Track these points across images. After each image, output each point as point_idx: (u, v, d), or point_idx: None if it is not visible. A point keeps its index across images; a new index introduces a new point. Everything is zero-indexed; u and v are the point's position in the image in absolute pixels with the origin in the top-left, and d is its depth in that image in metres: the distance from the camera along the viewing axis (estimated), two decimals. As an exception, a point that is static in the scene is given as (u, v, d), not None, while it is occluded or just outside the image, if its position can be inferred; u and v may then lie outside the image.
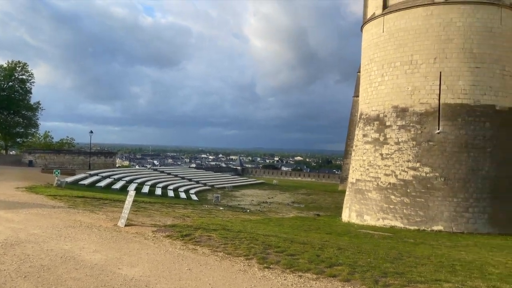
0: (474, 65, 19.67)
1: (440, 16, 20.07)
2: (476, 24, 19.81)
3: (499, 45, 19.94)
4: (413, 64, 20.70)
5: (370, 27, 23.34)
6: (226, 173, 64.27)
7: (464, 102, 19.69)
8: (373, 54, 22.76)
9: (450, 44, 19.87)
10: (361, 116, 23.78)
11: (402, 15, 21.18)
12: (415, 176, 19.89)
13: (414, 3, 20.75)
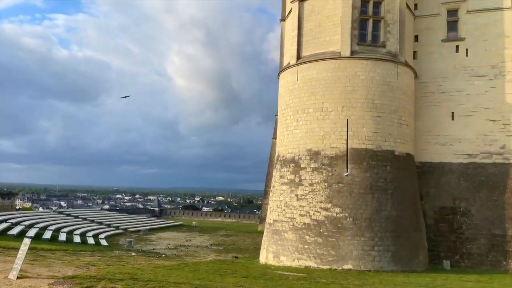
0: (376, 114, 21.75)
1: (346, 69, 22.09)
2: (377, 78, 22.10)
3: (397, 97, 22.37)
4: (324, 111, 22.24)
5: (286, 75, 24.80)
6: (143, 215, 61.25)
7: (368, 147, 21.48)
8: (289, 100, 24.07)
9: (355, 94, 21.83)
10: (278, 158, 24.64)
11: (314, 66, 22.91)
12: (327, 216, 20.84)
13: (324, 56, 22.65)
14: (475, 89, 23.73)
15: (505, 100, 23.02)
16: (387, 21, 22.64)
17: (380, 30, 22.75)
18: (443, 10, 24.95)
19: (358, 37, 22.50)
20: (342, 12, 22.34)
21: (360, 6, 22.50)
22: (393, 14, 22.65)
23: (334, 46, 22.62)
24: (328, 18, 22.91)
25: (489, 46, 23.69)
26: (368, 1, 22.56)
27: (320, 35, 23.20)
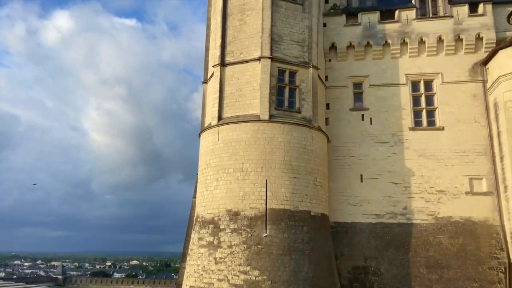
0: (293, 175, 22.60)
1: (265, 131, 23.00)
2: (293, 141, 23.26)
3: (312, 159, 23.59)
4: (244, 171, 22.57)
5: (207, 135, 25.02)
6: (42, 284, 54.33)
7: (286, 207, 21.97)
8: (210, 159, 24.11)
9: (273, 156, 22.62)
10: (197, 219, 23.99)
11: (235, 128, 23.51)
12: (246, 280, 20.32)
13: (244, 118, 23.44)
14: (379, 154, 26.04)
15: (405, 165, 25.51)
16: (301, 90, 24.43)
17: (295, 97, 24.39)
18: (350, 83, 27.74)
19: (276, 102, 23.84)
20: (261, 78, 23.70)
21: (278, 75, 24.11)
22: (306, 84, 24.57)
23: (254, 109, 23.61)
24: (248, 84, 24.10)
25: (389, 117, 26.52)
26: (284, 71, 24.31)
27: (240, 98, 24.16)
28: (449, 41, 26.38)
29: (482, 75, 25.78)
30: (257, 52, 24.16)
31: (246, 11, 25.08)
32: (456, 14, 26.58)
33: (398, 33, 27.24)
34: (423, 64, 26.96)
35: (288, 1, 25.23)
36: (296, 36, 25.04)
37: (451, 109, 25.83)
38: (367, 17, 27.89)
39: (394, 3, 28.53)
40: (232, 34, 25.20)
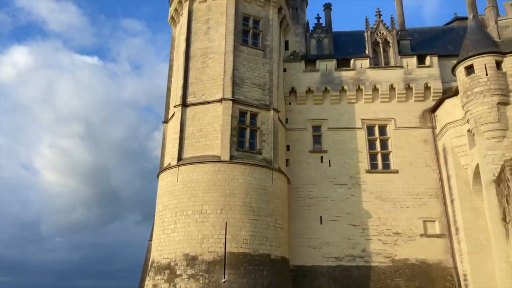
0: (253, 217, 22.32)
1: (225, 172, 22.82)
2: (254, 182, 23.17)
3: (272, 201, 23.50)
4: (203, 213, 22.03)
5: (166, 176, 24.44)
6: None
7: (246, 251, 21.46)
8: (168, 201, 23.41)
9: (234, 197, 22.34)
10: (152, 265, 22.86)
11: (195, 168, 23.17)
12: (202, 329, 19.27)
13: (204, 159, 23.22)
14: (338, 196, 26.44)
15: (363, 207, 26.00)
16: (262, 131, 24.73)
17: (256, 139, 24.60)
18: (309, 126, 28.48)
19: (237, 143, 23.91)
20: (222, 120, 23.81)
21: (239, 116, 24.36)
22: (267, 126, 24.94)
23: (214, 150, 23.50)
24: (210, 125, 24.11)
25: (346, 159, 27.25)
26: (245, 113, 24.63)
27: (201, 139, 24.04)
28: (400, 89, 28.01)
29: (431, 122, 27.37)
30: (219, 94, 24.43)
31: (209, 54, 25.57)
32: (406, 65, 28.46)
33: (354, 80, 28.65)
34: (377, 110, 28.30)
35: (250, 46, 26.05)
36: (258, 80, 25.66)
37: (404, 153, 26.98)
38: (324, 64, 29.24)
39: (349, 53, 30.18)
40: (194, 76, 25.45)
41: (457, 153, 24.49)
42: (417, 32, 31.80)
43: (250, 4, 26.90)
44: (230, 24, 25.63)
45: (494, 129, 21.22)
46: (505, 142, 20.87)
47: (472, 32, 23.81)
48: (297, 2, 32.00)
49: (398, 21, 30.97)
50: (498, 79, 21.66)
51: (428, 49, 29.46)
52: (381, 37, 29.58)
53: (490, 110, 21.39)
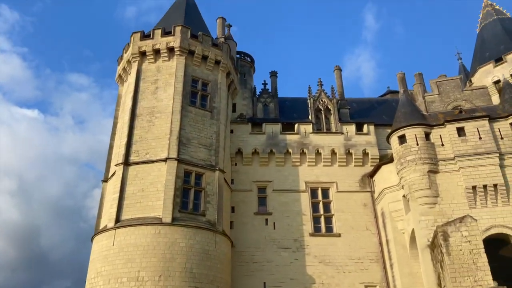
0: (194, 284, 21.15)
1: (166, 235, 21.82)
2: (196, 246, 22.28)
3: (214, 266, 22.57)
4: (140, 281, 20.56)
5: (101, 239, 22.87)
6: None
7: (184, 322, 20.01)
8: (101, 267, 21.70)
9: (174, 263, 21.22)
10: None
11: (133, 231, 21.95)
12: None
13: (144, 221, 22.16)
14: (282, 260, 26.05)
15: (306, 272, 25.72)
16: (207, 192, 24.34)
17: (201, 200, 24.10)
18: (255, 187, 28.57)
19: (180, 204, 23.22)
20: (166, 180, 23.23)
21: (183, 177, 23.93)
22: (212, 187, 24.65)
23: (156, 211, 22.60)
24: (152, 185, 23.38)
25: (291, 222, 27.32)
26: (190, 173, 24.27)
27: (142, 199, 23.11)
28: (341, 154, 29.33)
29: (370, 186, 28.62)
30: (164, 153, 24.05)
31: (156, 113, 25.48)
32: (346, 132, 30.14)
33: (298, 144, 29.66)
34: (320, 173, 29.20)
35: (197, 107, 26.40)
36: (204, 140, 25.73)
37: (346, 216, 27.63)
38: (270, 127, 30.17)
39: (293, 117, 31.52)
40: (139, 134, 25.02)
41: (394, 218, 25.51)
42: (355, 102, 34.19)
43: (200, 67, 27.70)
44: (178, 85, 26.02)
45: (426, 195, 22.52)
46: (436, 208, 22.14)
47: (403, 105, 25.99)
48: (245, 68, 33.48)
49: (338, 91, 33.23)
50: (427, 149, 23.42)
51: (365, 117, 31.59)
52: (323, 105, 31.37)
53: (421, 178, 22.82)
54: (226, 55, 29.01)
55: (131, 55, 27.62)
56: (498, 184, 21.58)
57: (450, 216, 21.34)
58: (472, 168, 22.24)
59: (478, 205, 21.64)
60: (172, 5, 33.62)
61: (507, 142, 22.64)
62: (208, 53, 27.84)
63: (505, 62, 30.60)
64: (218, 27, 33.05)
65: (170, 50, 27.15)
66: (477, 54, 33.97)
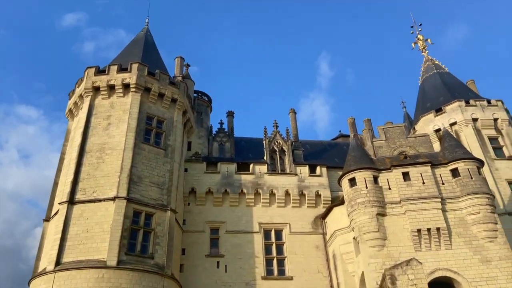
0: (138, 333, 19.85)
1: (110, 280, 20.56)
2: (143, 291, 21.10)
3: (161, 312, 21.39)
4: (78, 330, 19.02)
5: (39, 283, 21.19)
6: None
7: None
8: (36, 314, 19.93)
9: (117, 310, 19.90)
10: None
11: (75, 275, 20.52)
12: None
13: (87, 264, 20.82)
14: (233, 304, 25.21)
15: (257, 316, 25.00)
16: (157, 233, 23.45)
17: (150, 241, 23.13)
18: (207, 228, 27.97)
19: (128, 246, 22.14)
20: (113, 220, 22.20)
21: (132, 217, 23.00)
22: (163, 227, 23.82)
23: (101, 254, 21.38)
24: (98, 225, 22.24)
25: (243, 264, 26.78)
26: (140, 213, 23.41)
27: (87, 241, 21.85)
28: (295, 195, 29.65)
29: (322, 228, 28.94)
30: (113, 192, 23.15)
31: (107, 150, 24.72)
32: (299, 173, 30.67)
33: (253, 184, 29.70)
34: (274, 214, 29.22)
35: (151, 145, 25.94)
36: (157, 179, 25.12)
37: (298, 259, 27.53)
38: (225, 166, 30.11)
39: (249, 157, 31.75)
40: (87, 171, 24.02)
41: (345, 260, 25.76)
42: (309, 144, 35.15)
43: (155, 105, 27.52)
44: (132, 122, 25.58)
45: (375, 238, 23.04)
46: (384, 251, 22.66)
47: (353, 149, 27.03)
48: (202, 107, 33.69)
49: (293, 133, 34.10)
50: (375, 192, 24.26)
51: (318, 160, 32.44)
52: (278, 146, 31.95)
53: (370, 220, 23.43)
54: (183, 94, 29.11)
55: (84, 89, 27.01)
56: (440, 227, 22.56)
57: (398, 258, 21.87)
58: (417, 212, 23.20)
59: (423, 248, 22.40)
60: (130, 42, 33.71)
61: (448, 187, 23.97)
62: (165, 91, 27.82)
63: (444, 113, 33.14)
64: (176, 66, 33.35)
65: (126, 86, 26.87)
66: (419, 104, 36.53)
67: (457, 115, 32.61)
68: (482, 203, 22.84)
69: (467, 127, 32.03)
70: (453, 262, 21.85)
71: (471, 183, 23.47)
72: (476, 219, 22.63)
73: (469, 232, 22.61)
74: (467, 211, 22.98)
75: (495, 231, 22.36)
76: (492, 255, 21.82)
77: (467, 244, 22.26)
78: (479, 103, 33.16)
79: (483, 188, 23.38)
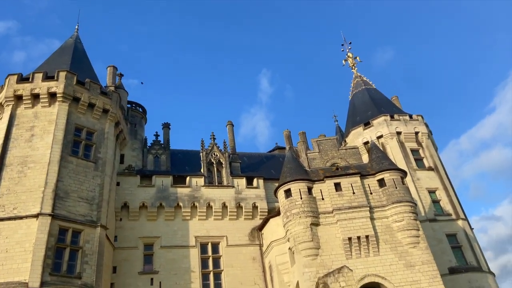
0: None
1: (31, 305, 18.92)
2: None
3: (89, 337, 20.06)
4: None
5: None
6: None
7: None
8: None
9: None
10: None
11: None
12: None
13: (6, 286, 19.02)
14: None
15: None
16: (85, 251, 22.11)
17: (77, 260, 21.75)
18: (141, 244, 26.92)
19: (52, 266, 20.63)
20: (36, 238, 20.61)
21: (58, 234, 21.51)
22: (92, 245, 22.50)
23: (22, 275, 19.72)
24: (19, 244, 20.50)
25: (178, 280, 26.08)
26: (67, 230, 21.94)
27: (6, 261, 20.04)
28: (232, 208, 29.62)
29: (259, 239, 29.14)
30: (36, 208, 21.51)
31: (29, 163, 22.97)
32: (237, 185, 30.75)
33: (189, 197, 29.19)
34: (210, 227, 28.90)
35: (80, 158, 24.54)
36: (86, 193, 23.77)
37: (235, 271, 27.40)
38: (161, 180, 29.31)
39: (186, 170, 31.22)
40: (7, 186, 22.12)
41: (281, 271, 26.09)
42: (246, 156, 35.45)
43: (85, 115, 26.17)
44: (59, 134, 24.06)
45: (309, 247, 23.64)
46: (318, 260, 23.32)
47: (288, 161, 27.72)
48: (136, 119, 32.64)
49: (230, 145, 34.22)
50: (310, 202, 24.99)
51: (255, 171, 32.81)
52: (215, 158, 31.81)
53: (305, 230, 24.04)
54: (115, 104, 28.01)
55: (5, 98, 24.97)
56: (369, 235, 23.75)
57: (330, 267, 22.61)
58: (348, 221, 24.24)
59: (354, 255, 23.38)
60: (58, 48, 31.86)
61: (375, 196, 25.39)
62: (96, 101, 26.57)
63: (372, 126, 35.30)
64: (108, 75, 32.04)
65: (52, 95, 25.27)
66: (350, 118, 38.56)
67: (383, 129, 34.85)
68: (406, 211, 24.47)
69: (392, 140, 34.34)
70: (380, 268, 23.04)
71: (396, 192, 25.07)
72: (401, 226, 24.16)
73: (394, 238, 24.04)
74: (393, 219, 24.47)
75: (417, 237, 23.99)
76: (415, 260, 23.36)
77: (393, 250, 23.63)
78: (402, 117, 35.78)
79: (406, 196, 25.09)
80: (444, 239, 29.92)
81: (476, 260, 29.39)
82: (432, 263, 23.30)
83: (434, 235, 29.64)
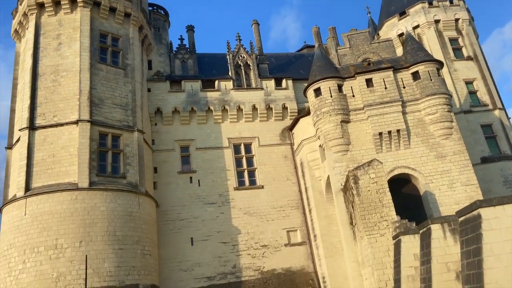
0: (118, 247, 20.83)
1: (84, 200, 20.91)
2: (118, 209, 21.73)
3: (139, 227, 22.31)
4: (59, 249, 19.73)
5: (11, 209, 21.29)
6: None
7: (110, 284, 19.82)
8: (14, 238, 20.37)
9: (95, 227, 20.56)
10: (-6, 316, 19.37)
11: (47, 199, 20.68)
12: None
13: (58, 187, 20.92)
14: (208, 215, 26.54)
15: (232, 223, 26.57)
16: (126, 154, 23.49)
17: (120, 162, 23.24)
18: (177, 146, 28.17)
19: (98, 168, 22.22)
20: (79, 143, 21.91)
21: (99, 139, 22.74)
22: (132, 148, 23.80)
23: (71, 177, 21.43)
24: (64, 149, 21.93)
25: (215, 178, 27.65)
26: (106, 135, 23.12)
27: (54, 165, 21.68)
28: (262, 110, 29.85)
29: (290, 139, 29.76)
30: (74, 115, 22.50)
31: (61, 72, 23.43)
32: (265, 87, 30.54)
33: (219, 101, 29.49)
34: (242, 129, 29.57)
35: (109, 65, 24.72)
36: (119, 100, 24.44)
37: (268, 169, 28.63)
38: (190, 84, 29.47)
39: (213, 74, 31.04)
40: (44, 95, 22.98)
41: (312, 167, 27.01)
42: (274, 57, 34.54)
43: (108, 21, 25.68)
44: (85, 41, 23.99)
45: (339, 144, 24.04)
46: (348, 155, 23.82)
47: (317, 59, 26.85)
48: (159, 22, 31.79)
49: (257, 46, 33.21)
50: (340, 100, 24.72)
51: (283, 72, 32.19)
52: (242, 60, 31.23)
53: (335, 127, 24.20)
54: (136, 7, 27.15)
55: (27, 7, 24.64)
56: (400, 129, 23.67)
57: (360, 161, 23.11)
58: (379, 117, 24.04)
59: (384, 149, 23.66)
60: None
61: (408, 90, 24.69)
62: (117, 5, 25.79)
63: (408, 16, 32.86)
64: (127, -23, 30.46)
65: (73, 1, 24.65)
66: (383, 8, 35.86)
67: (420, 18, 32.44)
68: (440, 103, 23.84)
69: (430, 29, 32.11)
70: (411, 160, 23.36)
71: (430, 84, 24.20)
72: (434, 119, 23.78)
73: (426, 131, 23.88)
74: (426, 112, 24.02)
75: (450, 129, 23.71)
76: (447, 150, 23.39)
77: (424, 143, 23.64)
78: (441, 3, 32.92)
79: (442, 88, 24.22)
80: (479, 130, 29.45)
81: (511, 148, 29.08)
82: (464, 153, 23.29)
83: (468, 126, 29.15)
